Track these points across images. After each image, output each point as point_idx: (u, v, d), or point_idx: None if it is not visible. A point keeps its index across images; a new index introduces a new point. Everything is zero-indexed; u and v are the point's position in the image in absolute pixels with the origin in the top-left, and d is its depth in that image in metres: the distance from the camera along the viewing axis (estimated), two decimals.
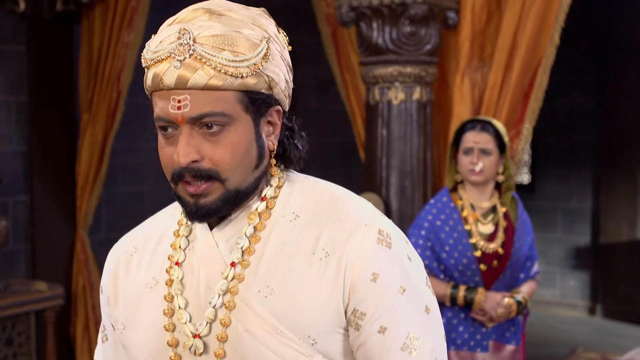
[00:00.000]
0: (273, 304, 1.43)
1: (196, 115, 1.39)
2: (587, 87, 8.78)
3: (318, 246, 1.46)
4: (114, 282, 1.62)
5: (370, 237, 1.46)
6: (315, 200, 1.53)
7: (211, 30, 1.40)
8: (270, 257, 1.47)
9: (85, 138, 5.70)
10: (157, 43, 1.41)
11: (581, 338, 7.95)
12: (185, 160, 1.40)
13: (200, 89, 1.39)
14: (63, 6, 5.48)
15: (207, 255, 1.50)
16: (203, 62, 1.38)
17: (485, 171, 3.61)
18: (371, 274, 1.43)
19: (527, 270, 3.74)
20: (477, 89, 4.35)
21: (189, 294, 1.49)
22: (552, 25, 4.14)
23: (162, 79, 1.39)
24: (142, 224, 1.67)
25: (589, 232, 8.88)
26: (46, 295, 5.21)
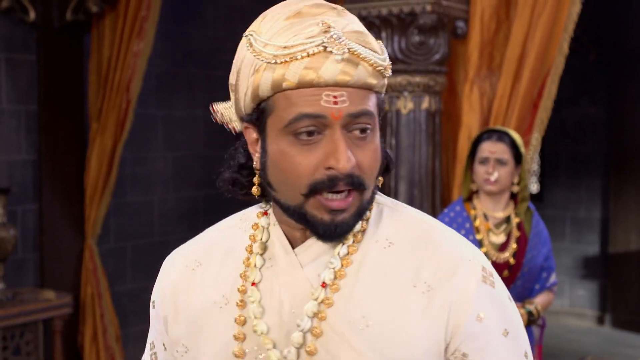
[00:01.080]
0: (370, 337, 1.32)
1: (356, 111, 1.27)
2: (596, 96, 8.76)
3: (419, 279, 1.35)
4: (174, 298, 1.47)
5: (475, 274, 1.37)
6: (407, 227, 1.41)
7: (352, 26, 1.30)
8: (365, 285, 1.35)
9: (94, 147, 5.71)
10: (290, 36, 1.27)
11: (590, 348, 7.92)
12: (349, 165, 1.26)
13: (359, 87, 1.28)
14: (73, 15, 5.50)
15: (291, 276, 1.37)
16: (361, 58, 1.27)
17: (500, 181, 3.60)
18: (477, 314, 1.35)
19: (542, 281, 3.72)
20: (486, 99, 4.35)
21: (270, 317, 1.36)
22: (561, 34, 4.14)
23: (319, 74, 1.25)
24: (201, 237, 1.54)
25: (597, 242, 8.85)
26: (54, 304, 5.22)
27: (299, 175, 1.29)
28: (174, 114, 6.75)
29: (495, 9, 4.32)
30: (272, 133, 1.31)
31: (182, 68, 6.80)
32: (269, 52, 1.28)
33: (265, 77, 1.28)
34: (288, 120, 1.27)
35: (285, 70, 1.26)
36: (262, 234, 1.42)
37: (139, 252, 6.55)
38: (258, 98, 1.31)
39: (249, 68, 1.30)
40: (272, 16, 1.32)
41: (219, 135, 7.06)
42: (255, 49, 1.30)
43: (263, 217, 1.44)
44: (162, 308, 1.49)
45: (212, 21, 6.98)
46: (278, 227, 1.41)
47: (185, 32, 6.79)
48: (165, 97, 6.66)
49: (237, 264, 1.43)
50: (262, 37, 1.30)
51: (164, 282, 1.51)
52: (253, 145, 1.38)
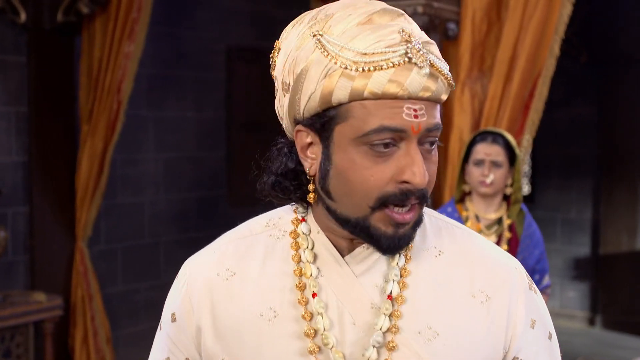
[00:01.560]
0: (438, 349, 1.31)
1: (431, 126, 1.25)
2: (587, 98, 8.78)
3: (475, 288, 1.36)
4: (209, 309, 1.38)
5: (523, 282, 1.41)
6: (450, 237, 1.42)
7: (422, 35, 1.27)
8: (426, 295, 1.34)
9: (85, 149, 5.69)
10: (371, 43, 1.22)
11: (581, 349, 7.93)
12: (426, 181, 1.24)
13: (434, 100, 1.26)
14: (64, 17, 5.48)
15: (347, 287, 1.34)
16: (439, 72, 1.24)
17: (495, 183, 3.61)
18: (530, 320, 1.39)
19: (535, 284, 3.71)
20: (477, 100, 4.36)
21: (334, 331, 1.32)
22: (551, 36, 4.15)
23: (404, 86, 1.21)
24: (223, 244, 1.45)
25: (588, 243, 8.87)
26: (45, 306, 5.20)
27: (371, 187, 1.25)
28: (165, 116, 6.74)
29: (487, 11, 4.33)
30: (340, 141, 1.26)
31: (173, 70, 6.79)
32: (347, 58, 1.22)
33: (342, 84, 1.22)
34: (366, 131, 1.23)
35: (367, 79, 1.21)
36: (307, 242, 1.37)
37: (130, 254, 6.53)
38: (328, 104, 1.25)
39: (320, 71, 1.24)
40: (342, 18, 1.26)
41: (209, 137, 7.09)
42: (329, 52, 1.23)
43: (302, 224, 1.39)
44: (191, 320, 1.40)
45: (203, 23, 6.97)
46: (322, 234, 1.37)
47: (176, 34, 6.78)
48: (156, 98, 6.65)
49: (279, 272, 1.37)
50: (335, 39, 1.24)
51: (190, 292, 1.42)
52: (304, 149, 1.32)
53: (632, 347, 7.93)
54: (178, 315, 1.42)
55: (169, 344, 1.44)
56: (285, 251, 1.38)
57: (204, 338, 1.38)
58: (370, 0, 1.30)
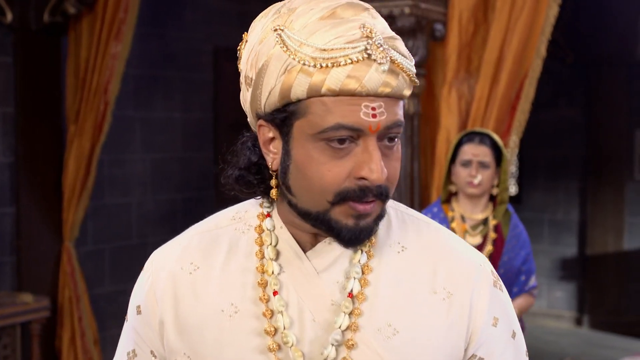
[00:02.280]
0: (397, 346, 1.31)
1: (390, 123, 1.24)
2: (573, 99, 8.82)
3: (437, 284, 1.35)
4: (172, 304, 1.38)
5: (487, 278, 1.40)
6: (416, 231, 1.41)
7: (387, 30, 1.26)
8: (386, 292, 1.33)
9: (72, 149, 5.68)
10: (330, 38, 1.21)
11: (568, 349, 7.96)
12: (383, 177, 1.24)
13: (397, 97, 1.25)
14: (50, 17, 5.47)
15: (309, 285, 1.34)
16: (400, 68, 1.23)
17: (483, 184, 3.61)
18: (492, 318, 1.37)
19: (520, 285, 3.71)
20: (464, 101, 4.36)
21: (294, 329, 1.32)
22: (538, 37, 4.16)
23: (362, 83, 1.20)
24: (188, 237, 1.45)
25: (575, 243, 8.91)
26: (32, 307, 5.19)
27: (328, 183, 1.25)
28: (152, 116, 6.72)
29: (473, 12, 4.33)
30: (299, 137, 1.26)
31: (161, 70, 6.78)
32: (306, 53, 1.21)
33: (300, 80, 1.22)
34: (323, 128, 1.23)
35: (325, 75, 1.21)
36: (271, 238, 1.37)
37: (117, 254, 6.52)
38: (287, 99, 1.24)
39: (279, 66, 1.23)
40: (304, 12, 1.25)
41: (197, 138, 7.08)
42: (288, 47, 1.23)
43: (267, 220, 1.39)
44: (155, 313, 1.40)
45: (190, 24, 6.96)
46: (285, 230, 1.37)
47: (163, 34, 6.77)
48: (143, 99, 6.64)
49: (241, 268, 1.37)
50: (295, 34, 1.23)
51: (154, 285, 1.41)
52: (266, 144, 1.32)
53: (619, 347, 7.95)
54: (143, 307, 1.42)
55: (135, 336, 1.44)
56: (249, 246, 1.38)
57: (167, 332, 1.38)
58: None
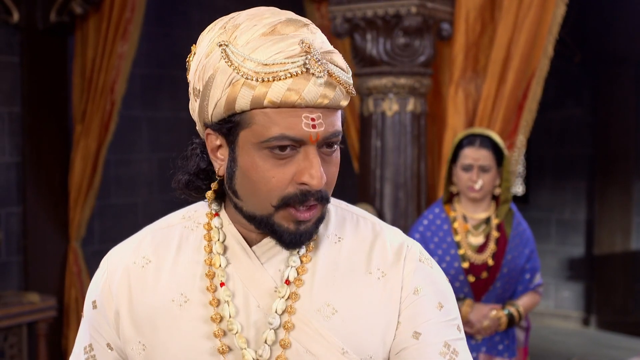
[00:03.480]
0: (336, 324, 1.41)
1: (329, 134, 1.34)
2: (581, 98, 8.80)
3: (372, 266, 1.46)
4: (126, 294, 1.48)
5: (414, 255, 1.49)
6: (353, 225, 1.52)
7: (325, 45, 1.36)
8: (324, 276, 1.44)
9: (78, 149, 5.68)
10: (272, 54, 1.30)
11: (575, 349, 7.94)
12: (323, 183, 1.34)
13: (333, 108, 1.34)
14: (57, 17, 5.48)
15: (253, 274, 1.43)
16: (337, 81, 1.33)
17: (484, 188, 3.59)
18: (414, 288, 1.46)
19: (525, 283, 3.68)
20: (471, 101, 4.35)
21: (240, 316, 1.42)
22: (545, 37, 4.15)
23: (301, 95, 1.29)
24: (141, 235, 1.55)
25: (582, 243, 8.88)
26: (38, 307, 5.19)
27: (272, 188, 1.34)
28: (159, 116, 6.73)
29: (480, 11, 4.33)
30: (244, 145, 1.35)
31: (167, 70, 6.78)
32: (249, 68, 1.30)
33: (244, 93, 1.30)
34: (267, 138, 1.31)
35: (266, 89, 1.29)
36: (219, 235, 1.46)
37: None
38: (232, 111, 1.33)
39: (224, 80, 1.32)
40: (247, 29, 1.34)
41: None
42: (233, 62, 1.31)
43: (215, 218, 1.48)
44: (110, 305, 1.49)
45: (196, 23, 6.96)
46: (232, 226, 1.46)
47: (169, 34, 6.77)
48: (149, 99, 6.64)
49: (191, 261, 1.47)
50: (239, 50, 1.32)
51: (109, 279, 1.51)
52: (214, 151, 1.42)
53: (626, 347, 7.94)
54: (98, 302, 1.51)
55: (91, 330, 1.53)
56: (198, 241, 1.48)
57: (122, 323, 1.47)
58: (278, 10, 1.39)
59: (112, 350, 1.51)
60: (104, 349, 1.51)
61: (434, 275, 1.50)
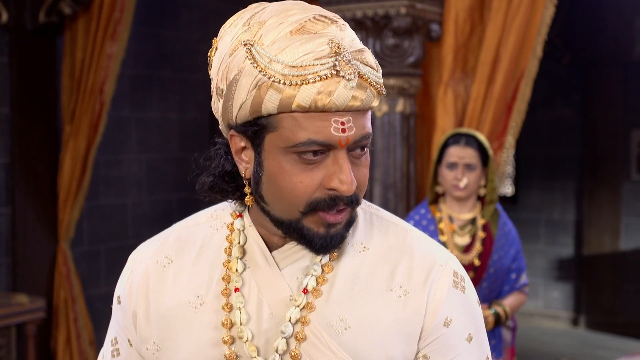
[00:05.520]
0: (348, 340, 1.35)
1: (359, 138, 1.28)
2: (570, 99, 8.82)
3: (394, 282, 1.39)
4: (144, 294, 1.46)
5: (446, 279, 1.41)
6: (382, 233, 1.44)
7: (355, 43, 1.30)
8: (342, 288, 1.38)
9: (67, 150, 5.67)
10: (299, 55, 1.24)
11: (564, 349, 7.96)
12: (353, 188, 1.28)
13: (365, 110, 1.29)
14: (46, 18, 5.46)
15: (270, 280, 1.39)
16: (368, 82, 1.27)
17: (469, 186, 3.60)
18: (444, 318, 1.39)
19: (511, 283, 3.69)
20: (460, 101, 4.36)
21: (252, 323, 1.38)
22: (534, 38, 4.16)
23: (331, 100, 1.23)
24: (168, 232, 1.53)
25: (572, 244, 8.90)
26: (27, 308, 5.17)
27: (299, 194, 1.29)
28: (148, 117, 6.72)
29: (470, 12, 4.33)
30: (271, 149, 1.29)
31: (156, 70, 6.77)
32: (276, 70, 1.24)
33: (271, 96, 1.25)
34: (295, 143, 1.26)
35: (295, 92, 1.24)
36: (239, 237, 1.42)
37: (113, 255, 6.51)
38: (258, 114, 1.28)
39: (250, 81, 1.26)
40: (273, 27, 1.28)
41: (192, 138, 7.07)
42: (259, 64, 1.26)
43: (238, 220, 1.44)
44: (130, 304, 1.48)
45: (186, 24, 6.96)
46: (254, 229, 1.42)
47: (159, 34, 6.76)
48: (139, 99, 6.63)
49: (211, 263, 1.43)
50: (265, 50, 1.26)
51: (132, 277, 1.49)
52: (238, 153, 1.36)
53: (615, 347, 7.96)
54: (122, 298, 1.50)
55: (116, 325, 1.52)
56: (221, 242, 1.45)
57: (138, 322, 1.46)
58: (304, 5, 1.33)
59: (131, 347, 1.50)
60: (126, 343, 1.50)
61: (467, 302, 1.43)
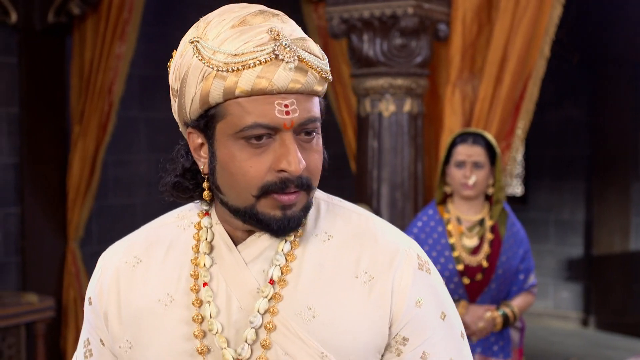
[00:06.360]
0: (316, 327, 1.38)
1: (304, 120, 1.33)
2: (579, 99, 8.80)
3: (359, 269, 1.41)
4: (115, 294, 1.49)
5: (411, 262, 1.44)
6: (344, 221, 1.48)
7: (296, 32, 1.35)
8: (308, 277, 1.41)
9: (76, 150, 5.69)
10: (240, 44, 1.30)
11: (574, 350, 7.94)
12: (301, 168, 1.33)
13: (308, 93, 1.34)
14: (55, 18, 5.48)
15: (237, 274, 1.42)
16: (309, 65, 1.32)
17: (478, 184, 3.59)
18: (415, 300, 1.42)
19: (520, 283, 3.68)
20: (467, 101, 4.36)
21: (221, 316, 1.41)
22: (542, 37, 4.15)
23: (271, 81, 1.29)
24: (137, 233, 1.57)
25: (581, 244, 8.88)
26: (37, 307, 5.20)
27: (251, 178, 1.34)
28: (157, 117, 6.73)
29: (477, 12, 4.33)
30: (221, 138, 1.35)
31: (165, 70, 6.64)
32: (219, 60, 1.31)
33: (216, 85, 1.31)
34: (241, 127, 1.32)
35: (237, 78, 1.30)
36: (207, 234, 1.46)
37: None
38: (207, 104, 1.34)
39: (197, 75, 1.33)
40: (217, 23, 1.35)
41: None
42: (203, 56, 1.32)
43: (205, 218, 1.48)
44: (101, 304, 1.51)
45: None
46: (220, 226, 1.46)
47: (167, 34, 6.76)
48: (147, 99, 6.64)
49: (179, 261, 1.47)
50: (209, 44, 1.33)
51: (102, 278, 1.53)
52: (197, 150, 1.42)
53: (624, 347, 7.94)
54: (93, 299, 1.53)
55: (88, 326, 1.56)
56: (188, 241, 1.49)
57: (110, 321, 1.49)
58: (249, 4, 1.39)
59: (104, 346, 1.53)
60: (98, 343, 1.54)
61: (433, 282, 1.47)
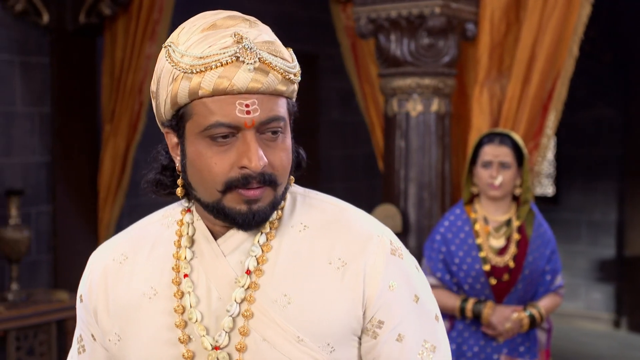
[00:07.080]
0: (292, 313, 1.45)
1: (265, 119, 1.41)
2: (611, 98, 8.72)
3: (333, 255, 1.49)
4: (104, 291, 1.58)
5: (384, 247, 1.51)
6: (320, 212, 1.56)
7: (263, 36, 1.43)
8: (284, 266, 1.48)
9: (107, 149, 5.74)
10: (205, 47, 1.39)
11: (605, 352, 7.88)
12: (261, 165, 1.39)
13: (269, 93, 1.41)
14: (86, 18, 5.53)
15: (216, 266, 1.50)
16: (271, 67, 1.40)
17: (504, 185, 3.58)
18: (388, 284, 1.48)
19: (546, 284, 3.66)
20: (495, 101, 4.34)
21: (201, 306, 1.49)
22: (570, 36, 4.12)
23: (232, 82, 1.37)
24: (124, 233, 1.66)
25: (613, 244, 8.81)
26: (67, 304, 5.24)
27: (216, 174, 1.42)
28: None
29: (505, 11, 4.31)
30: (190, 136, 1.44)
31: None
32: (185, 63, 1.39)
33: (182, 86, 1.40)
34: (205, 126, 1.40)
35: (200, 79, 1.38)
36: (188, 229, 1.55)
37: None
38: (177, 105, 1.43)
39: (168, 77, 1.43)
40: (189, 28, 1.45)
41: None
42: (173, 59, 1.42)
43: (187, 214, 1.57)
44: (91, 300, 1.60)
45: None
46: (201, 222, 1.54)
47: None
48: None
49: (163, 257, 1.56)
50: (179, 48, 1.42)
51: (91, 276, 1.62)
52: (174, 149, 1.51)
53: None
54: (83, 296, 1.63)
55: (80, 322, 1.65)
56: (171, 237, 1.57)
57: (99, 317, 1.58)
58: (224, 11, 1.49)
59: (96, 341, 1.61)
60: (90, 339, 1.63)
61: (406, 267, 1.54)
